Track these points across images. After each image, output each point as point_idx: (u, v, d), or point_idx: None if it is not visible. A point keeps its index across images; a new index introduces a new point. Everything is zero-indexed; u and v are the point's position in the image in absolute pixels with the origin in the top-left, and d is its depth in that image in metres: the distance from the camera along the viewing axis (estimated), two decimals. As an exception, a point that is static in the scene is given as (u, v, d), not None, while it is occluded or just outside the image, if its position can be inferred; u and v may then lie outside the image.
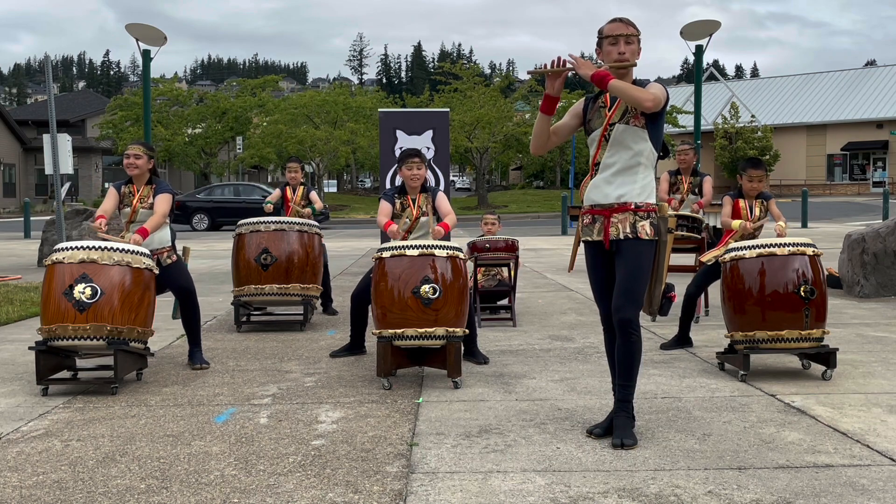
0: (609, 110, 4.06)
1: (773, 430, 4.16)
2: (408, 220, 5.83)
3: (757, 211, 6.63)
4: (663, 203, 4.37)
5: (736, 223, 6.49)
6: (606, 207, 4.05)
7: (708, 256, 6.56)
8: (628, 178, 4.02)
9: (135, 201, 5.84)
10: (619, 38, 3.98)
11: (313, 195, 8.59)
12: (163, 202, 5.82)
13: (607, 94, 4.08)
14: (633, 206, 4.00)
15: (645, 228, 3.99)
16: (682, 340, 6.41)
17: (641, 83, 4.02)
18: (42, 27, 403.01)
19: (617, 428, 4.00)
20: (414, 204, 5.90)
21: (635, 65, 4.00)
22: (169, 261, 5.88)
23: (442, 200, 5.94)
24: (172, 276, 5.87)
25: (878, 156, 53.77)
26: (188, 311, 5.92)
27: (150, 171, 5.93)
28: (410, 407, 4.75)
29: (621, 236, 4.00)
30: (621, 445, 3.90)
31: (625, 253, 4.00)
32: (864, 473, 3.54)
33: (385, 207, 5.94)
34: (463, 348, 5.91)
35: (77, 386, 5.27)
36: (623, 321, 3.96)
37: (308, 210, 8.47)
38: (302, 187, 8.59)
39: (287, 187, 8.61)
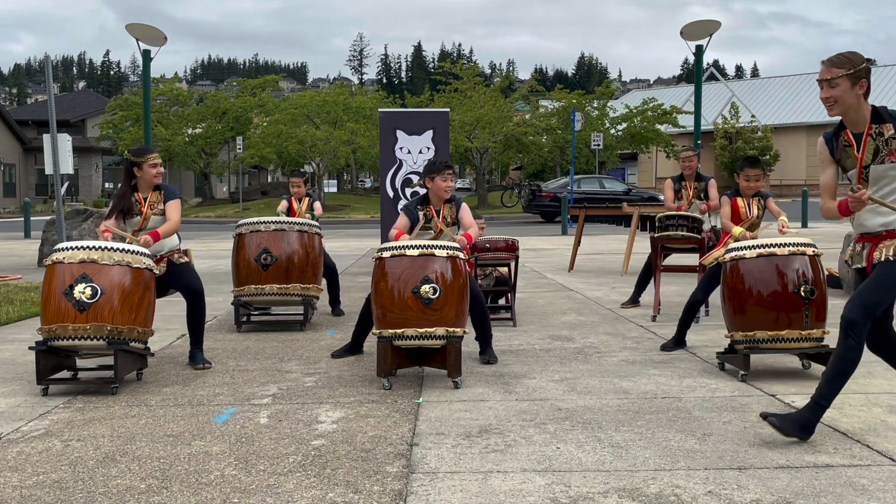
0: (857, 151, 4.00)
1: (773, 430, 4.15)
2: (433, 231, 5.88)
3: (755, 210, 6.66)
4: None
5: (737, 230, 6.50)
6: (874, 235, 4.06)
7: (710, 259, 6.57)
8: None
9: (144, 209, 5.83)
10: (823, 84, 3.93)
11: (316, 205, 9.00)
12: (176, 210, 5.86)
13: (847, 132, 4.04)
14: None
15: None
16: (679, 342, 6.41)
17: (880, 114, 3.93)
18: (42, 27, 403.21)
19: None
20: (438, 215, 5.93)
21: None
22: (181, 261, 5.90)
23: (465, 212, 5.99)
24: (183, 277, 5.88)
25: (879, 156, 53.71)
26: (195, 311, 5.92)
27: None
28: (410, 407, 4.75)
29: (883, 258, 4.00)
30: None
31: (878, 268, 3.99)
32: (864, 473, 3.54)
33: (402, 221, 5.87)
34: (479, 341, 6.09)
35: (77, 386, 5.27)
36: (846, 319, 3.90)
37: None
38: (307, 198, 9.00)
39: (292, 199, 8.99)
